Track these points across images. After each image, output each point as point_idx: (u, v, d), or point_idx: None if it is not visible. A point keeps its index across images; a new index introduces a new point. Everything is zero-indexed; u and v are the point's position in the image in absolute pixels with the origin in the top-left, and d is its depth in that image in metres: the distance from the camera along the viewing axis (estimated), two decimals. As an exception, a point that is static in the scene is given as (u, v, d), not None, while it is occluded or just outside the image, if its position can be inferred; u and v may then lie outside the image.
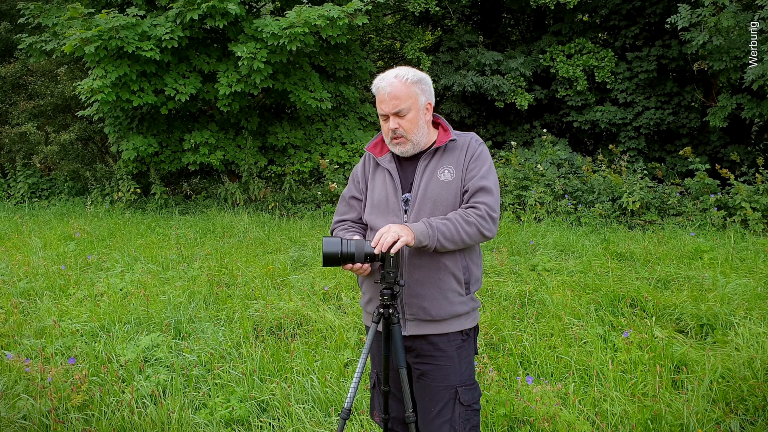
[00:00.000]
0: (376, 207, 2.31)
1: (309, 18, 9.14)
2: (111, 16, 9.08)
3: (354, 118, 11.97)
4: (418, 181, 2.25)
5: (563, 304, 4.87)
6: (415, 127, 2.21)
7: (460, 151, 2.25)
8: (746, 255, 6.40)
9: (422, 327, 2.24)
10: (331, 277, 5.83)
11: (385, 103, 2.19)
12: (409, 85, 2.19)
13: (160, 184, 11.20)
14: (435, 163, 2.26)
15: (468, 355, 2.31)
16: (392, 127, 2.20)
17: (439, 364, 2.25)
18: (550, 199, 9.36)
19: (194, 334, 4.52)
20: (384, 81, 2.21)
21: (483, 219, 2.14)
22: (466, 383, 2.26)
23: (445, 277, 2.21)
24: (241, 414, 3.32)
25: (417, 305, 2.23)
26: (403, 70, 2.22)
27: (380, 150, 2.37)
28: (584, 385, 3.61)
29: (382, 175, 2.33)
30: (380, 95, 2.21)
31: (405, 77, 2.19)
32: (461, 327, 2.27)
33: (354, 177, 2.44)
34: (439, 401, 2.25)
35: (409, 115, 2.19)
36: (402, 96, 2.17)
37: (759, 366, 3.59)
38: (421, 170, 2.26)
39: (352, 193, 2.43)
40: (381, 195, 2.30)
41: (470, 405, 2.26)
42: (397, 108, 2.18)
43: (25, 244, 7.77)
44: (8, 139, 13.56)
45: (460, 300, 2.24)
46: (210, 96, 10.46)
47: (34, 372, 3.64)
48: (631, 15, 12.18)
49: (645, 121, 11.65)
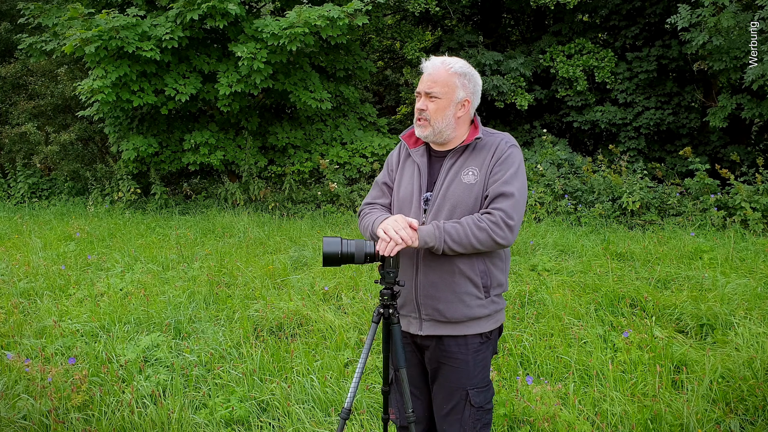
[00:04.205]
0: (400, 202, 2.29)
1: (309, 18, 9.14)
2: (111, 17, 9.08)
3: (354, 118, 11.97)
4: (441, 181, 2.21)
5: (563, 304, 4.87)
6: (441, 115, 2.17)
7: (487, 153, 2.18)
8: (746, 255, 6.40)
9: (438, 328, 2.21)
10: (331, 277, 5.82)
11: (423, 82, 2.19)
12: (451, 74, 2.17)
13: (161, 184, 11.20)
14: (461, 162, 2.20)
15: (484, 359, 2.27)
16: (419, 107, 2.19)
17: (453, 366, 2.23)
18: (550, 199, 9.36)
19: (194, 334, 4.52)
20: (430, 62, 2.22)
21: (496, 225, 2.07)
22: (478, 386, 2.23)
23: (460, 280, 2.17)
24: (241, 414, 3.32)
25: (431, 306, 2.20)
26: (453, 60, 2.21)
27: (415, 141, 2.33)
28: (584, 385, 3.62)
29: (411, 168, 2.30)
30: (424, 74, 2.22)
31: (450, 65, 2.18)
32: (480, 330, 2.23)
33: (388, 163, 2.42)
34: (450, 400, 2.25)
35: (440, 102, 2.16)
36: (439, 81, 2.16)
37: (759, 366, 3.59)
38: (446, 169, 2.21)
39: (384, 179, 2.40)
40: (406, 191, 2.28)
41: (482, 406, 2.23)
42: (430, 89, 2.16)
43: (25, 244, 7.77)
44: (8, 139, 13.57)
45: (478, 303, 2.19)
46: (210, 96, 10.46)
47: (34, 372, 3.65)
48: (631, 15, 12.17)
49: (645, 121, 11.64)
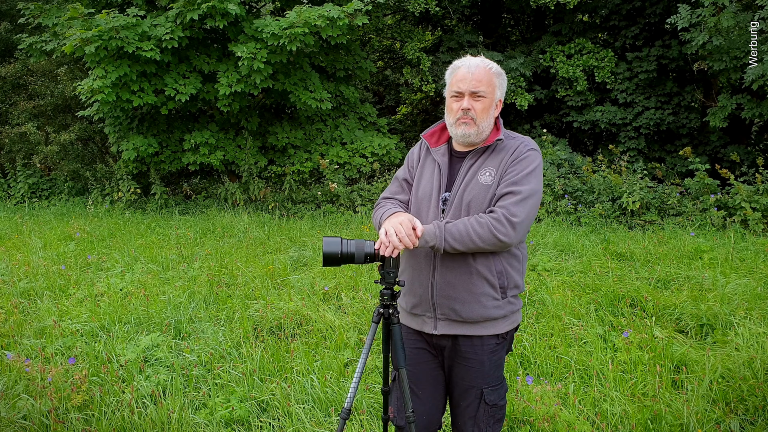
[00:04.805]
0: (418, 201, 2.29)
1: (309, 18, 9.14)
2: (111, 17, 9.08)
3: (354, 118, 11.97)
4: (460, 181, 2.21)
5: (563, 304, 4.87)
6: (486, 114, 2.18)
7: (505, 154, 2.19)
8: (746, 255, 6.40)
9: (454, 327, 2.21)
10: (331, 277, 5.82)
11: (465, 82, 2.16)
12: (492, 74, 2.18)
13: (161, 184, 11.20)
14: (480, 163, 2.21)
15: (499, 359, 2.28)
16: (465, 107, 2.16)
17: (468, 366, 2.24)
18: (550, 199, 9.36)
19: (194, 334, 4.52)
20: (468, 62, 2.19)
21: (498, 222, 2.06)
22: (492, 384, 2.25)
23: (477, 281, 2.16)
24: (241, 414, 3.32)
25: (447, 306, 2.20)
26: (488, 60, 2.21)
27: (437, 140, 2.33)
28: (584, 385, 3.62)
29: (431, 167, 2.29)
30: (460, 74, 2.18)
31: (489, 66, 2.19)
32: (496, 331, 2.22)
33: (409, 160, 2.41)
34: (465, 398, 2.26)
35: (485, 101, 2.17)
36: (483, 80, 2.16)
37: (759, 366, 3.59)
38: (465, 170, 2.21)
39: (405, 175, 2.39)
40: (425, 190, 2.27)
41: (495, 404, 2.25)
42: (477, 88, 2.15)
43: (25, 244, 7.77)
44: (8, 139, 13.57)
45: (494, 304, 2.19)
46: (210, 96, 10.46)
47: (34, 372, 3.65)
48: (631, 15, 12.17)
49: (645, 121, 11.64)
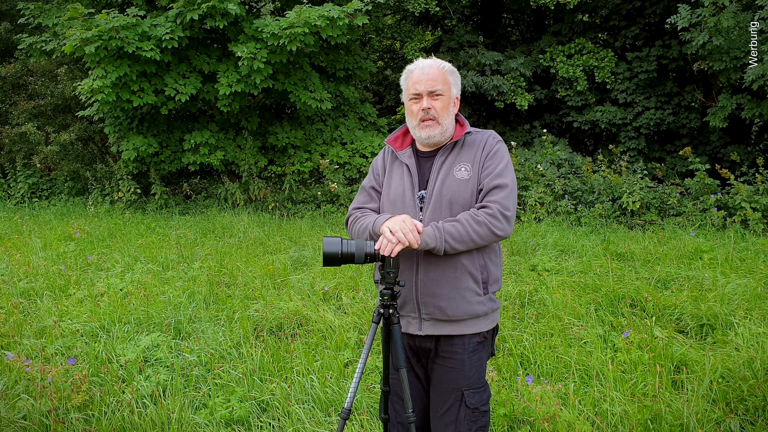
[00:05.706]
0: (392, 203, 2.29)
1: (309, 18, 9.14)
2: (111, 17, 9.08)
3: (354, 118, 11.97)
4: (434, 178, 2.22)
5: (563, 304, 4.87)
6: (446, 112, 2.22)
7: (477, 148, 2.23)
8: (746, 255, 6.40)
9: (439, 327, 2.21)
10: (331, 277, 5.82)
11: (422, 83, 2.20)
12: (445, 72, 2.23)
13: (161, 184, 11.20)
14: (452, 159, 2.23)
15: (480, 359, 2.27)
16: (425, 107, 2.19)
17: (449, 366, 2.23)
18: (550, 200, 9.36)
19: (194, 334, 4.52)
20: (421, 63, 2.24)
21: (494, 218, 2.10)
22: (473, 386, 2.23)
23: (462, 276, 2.18)
24: (241, 414, 3.32)
25: (433, 304, 2.19)
26: (438, 60, 2.25)
27: (401, 144, 2.35)
28: (584, 385, 3.61)
29: (399, 170, 2.31)
30: (415, 76, 2.22)
31: (442, 66, 2.24)
32: (479, 329, 2.23)
33: (374, 168, 2.42)
34: (445, 401, 2.24)
35: (444, 99, 2.21)
36: (439, 79, 2.20)
37: (759, 366, 3.58)
38: (437, 166, 2.24)
39: (371, 183, 2.40)
40: (397, 191, 2.28)
41: (477, 408, 2.22)
42: (433, 87, 2.19)
43: (25, 244, 7.77)
44: (8, 139, 13.58)
45: (478, 300, 2.20)
46: (210, 96, 10.47)
47: (34, 372, 3.64)
48: (631, 15, 12.17)
49: (645, 121, 11.65)
